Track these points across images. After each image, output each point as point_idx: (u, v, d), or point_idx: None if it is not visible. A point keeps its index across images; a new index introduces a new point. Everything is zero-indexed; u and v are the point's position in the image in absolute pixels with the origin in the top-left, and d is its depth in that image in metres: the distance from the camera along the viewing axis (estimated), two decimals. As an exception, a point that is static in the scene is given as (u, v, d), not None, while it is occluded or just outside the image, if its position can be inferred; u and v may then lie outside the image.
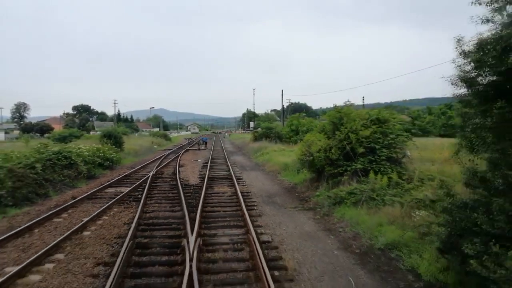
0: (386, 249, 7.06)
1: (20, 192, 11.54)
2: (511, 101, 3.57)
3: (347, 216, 9.32)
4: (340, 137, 12.26)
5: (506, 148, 3.64)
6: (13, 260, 6.80)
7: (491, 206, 3.98)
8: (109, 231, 8.70)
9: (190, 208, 10.29)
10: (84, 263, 6.64)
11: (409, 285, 5.69)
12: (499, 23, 3.55)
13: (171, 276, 6.02)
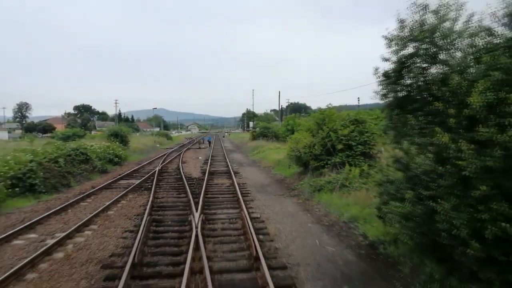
0: (348, 221, 9.08)
1: (49, 182, 13.55)
2: (404, 109, 5.55)
3: (323, 200, 11.34)
4: (322, 135, 14.27)
5: (400, 141, 5.63)
6: (59, 229, 8.81)
7: (401, 179, 5.99)
8: (128, 210, 10.72)
9: (194, 195, 12.26)
10: (115, 230, 8.66)
11: (358, 243, 7.71)
12: (394, 61, 5.53)
13: (182, 239, 8.01)
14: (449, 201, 4.64)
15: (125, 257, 6.75)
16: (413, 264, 6.21)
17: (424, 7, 5.23)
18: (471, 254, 4.55)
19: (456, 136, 4.63)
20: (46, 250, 7.09)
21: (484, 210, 4.32)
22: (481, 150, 4.39)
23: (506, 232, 4.16)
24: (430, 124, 5.07)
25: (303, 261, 6.73)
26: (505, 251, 4.30)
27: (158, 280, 5.88)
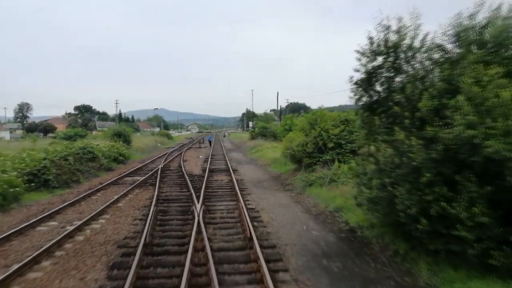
0: (333, 211, 10.18)
1: (61, 178, 14.64)
2: (372, 112, 6.63)
3: (314, 193, 12.44)
4: (314, 134, 15.37)
5: (370, 136, 6.71)
6: (75, 218, 9.89)
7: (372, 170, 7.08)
8: (136, 203, 11.81)
9: (195, 190, 13.33)
10: (125, 219, 9.75)
11: (340, 228, 8.81)
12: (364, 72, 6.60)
13: (185, 225, 9.08)
14: (404, 187, 5.75)
15: (137, 239, 7.84)
16: (383, 244, 7.30)
17: (387, 28, 6.32)
18: (421, 229, 5.65)
19: (410, 134, 5.72)
20: (68, 234, 8.17)
21: (429, 193, 5.42)
22: (428, 145, 5.48)
23: (446, 210, 5.25)
24: (391, 124, 6.17)
25: (291, 242, 7.82)
26: (446, 226, 5.39)
27: (167, 256, 6.96)
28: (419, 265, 6.09)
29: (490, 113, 4.80)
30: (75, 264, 6.57)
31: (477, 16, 5.99)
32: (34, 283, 5.76)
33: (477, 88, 5.01)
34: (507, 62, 5.37)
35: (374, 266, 6.51)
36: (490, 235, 4.95)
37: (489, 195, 4.98)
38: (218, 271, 5.99)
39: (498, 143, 4.53)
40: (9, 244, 7.69)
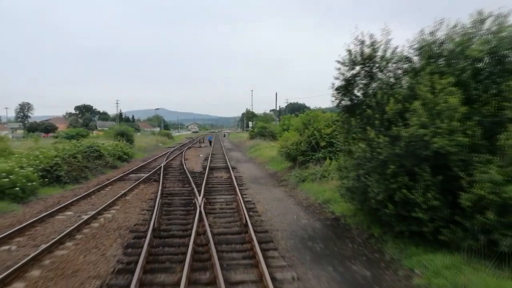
0: (322, 203, 11.25)
1: (71, 174, 15.71)
2: (350, 113, 7.68)
3: (306, 188, 13.51)
4: (308, 134, 16.44)
5: (349, 135, 7.78)
6: (89, 208, 10.96)
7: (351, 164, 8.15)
8: (142, 196, 12.88)
9: (196, 185, 14.38)
10: (134, 209, 10.82)
11: (326, 217, 9.88)
12: (342, 79, 7.67)
13: (188, 215, 10.14)
14: (374, 177, 6.81)
15: (146, 225, 8.91)
16: (361, 229, 8.38)
17: (362, 42, 7.39)
18: (388, 213, 6.72)
19: (379, 133, 6.78)
20: (84, 221, 9.23)
21: (394, 182, 6.49)
22: (393, 142, 6.54)
23: (407, 196, 6.32)
24: (365, 124, 7.23)
25: (281, 228, 8.89)
26: (407, 209, 6.45)
27: (173, 239, 8.03)
28: (389, 245, 7.16)
29: (439, 115, 5.87)
30: (95, 244, 7.64)
31: (437, 33, 7.07)
32: (62, 258, 6.83)
33: (430, 95, 6.09)
34: (458, 73, 6.44)
35: (352, 246, 7.58)
36: (440, 216, 6.02)
37: (440, 183, 6.05)
38: (218, 249, 7.04)
39: (443, 140, 5.60)
40: (34, 230, 8.75)
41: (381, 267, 6.44)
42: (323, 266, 6.54)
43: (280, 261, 6.70)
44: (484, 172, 5.39)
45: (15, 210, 10.76)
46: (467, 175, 5.68)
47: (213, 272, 6.00)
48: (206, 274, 6.05)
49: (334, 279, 5.97)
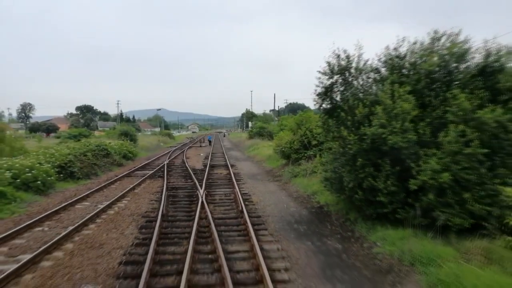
0: (310, 194, 12.67)
1: (83, 171, 17.14)
2: (329, 115, 9.10)
3: (297, 182, 14.93)
4: (301, 133, 17.86)
5: (328, 134, 9.22)
6: (103, 199, 12.37)
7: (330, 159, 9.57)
8: (150, 189, 14.30)
9: (198, 180, 15.80)
10: (143, 200, 12.24)
11: (312, 206, 11.30)
12: (322, 87, 9.08)
13: (192, 204, 11.56)
14: (346, 168, 8.24)
15: (155, 212, 10.32)
16: (340, 214, 9.80)
17: (338, 56, 8.81)
18: (359, 198, 8.14)
19: (350, 132, 8.20)
20: (101, 209, 10.64)
21: (362, 172, 7.91)
22: (361, 140, 7.96)
23: (372, 184, 7.73)
24: (339, 125, 8.65)
25: (272, 214, 10.31)
26: (373, 195, 7.86)
27: (179, 222, 9.44)
28: (360, 225, 8.57)
29: (395, 118, 7.29)
30: (113, 226, 9.07)
31: (400, 48, 8.50)
32: (89, 236, 8.25)
33: (389, 101, 7.51)
34: (414, 83, 7.86)
35: (330, 227, 9.01)
36: (397, 199, 7.44)
37: (398, 172, 7.47)
38: (217, 229, 8.45)
39: (397, 137, 7.02)
40: (59, 216, 10.17)
41: (351, 242, 7.87)
42: (304, 241, 7.97)
43: (268, 238, 8.13)
44: (426, 162, 6.81)
45: (38, 200, 12.19)
46: (417, 165, 7.10)
47: (214, 244, 7.42)
48: (207, 246, 7.48)
49: (311, 250, 7.39)
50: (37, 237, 8.15)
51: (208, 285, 5.75)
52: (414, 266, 6.05)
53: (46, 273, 6.15)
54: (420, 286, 5.50)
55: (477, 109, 6.97)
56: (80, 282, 5.84)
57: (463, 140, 6.68)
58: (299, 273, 6.20)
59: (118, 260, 6.74)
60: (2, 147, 16.99)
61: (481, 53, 7.96)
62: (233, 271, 6.13)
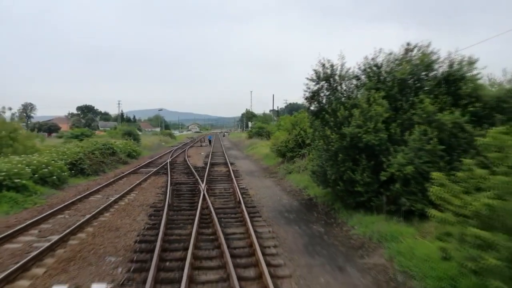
0: (301, 189, 13.90)
1: (92, 168, 18.38)
2: (316, 117, 10.33)
3: (291, 178, 16.17)
4: (295, 133, 19.09)
5: (315, 133, 10.44)
6: (113, 193, 13.59)
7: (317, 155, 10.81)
8: (155, 184, 15.54)
9: (200, 176, 17.01)
10: (150, 193, 13.47)
11: (303, 198, 12.53)
12: (310, 91, 10.30)
13: (194, 197, 12.78)
14: (329, 163, 9.47)
15: (162, 203, 11.54)
16: (327, 205, 11.02)
17: (323, 65, 10.04)
18: (340, 189, 9.37)
19: (333, 131, 9.43)
20: (113, 201, 11.86)
21: (342, 166, 9.13)
22: (341, 138, 9.18)
23: (351, 176, 8.95)
24: (324, 125, 9.88)
25: (266, 205, 11.54)
26: (352, 186, 9.08)
27: (184, 211, 10.66)
28: (342, 213, 9.80)
29: (370, 119, 8.52)
30: (126, 214, 10.31)
31: (377, 58, 9.74)
32: (105, 221, 9.48)
33: (366, 105, 8.74)
34: (388, 89, 9.09)
35: (316, 215, 10.24)
36: (372, 189, 8.67)
37: (372, 166, 8.70)
38: (217, 216, 9.66)
39: (370, 136, 8.25)
40: (76, 206, 11.41)
41: (332, 226, 9.10)
42: (292, 226, 9.20)
43: (261, 223, 9.36)
44: (395, 157, 8.03)
45: (55, 193, 13.43)
46: (387, 160, 8.32)
47: (214, 228, 8.65)
48: (209, 229, 8.71)
49: (298, 232, 8.62)
50: (61, 223, 9.38)
51: (210, 257, 6.98)
52: (380, 243, 7.28)
53: (75, 249, 7.38)
54: (382, 257, 6.73)
55: (438, 112, 8.20)
56: (104, 255, 7.07)
57: (425, 138, 7.90)
58: (286, 249, 7.43)
59: (133, 240, 7.97)
60: (16, 145, 18.17)
61: (446, 63, 9.22)
62: (231, 247, 7.34)
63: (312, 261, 6.81)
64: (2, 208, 10.64)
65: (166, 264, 6.61)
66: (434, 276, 5.44)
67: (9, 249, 7.37)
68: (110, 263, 6.68)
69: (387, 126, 8.72)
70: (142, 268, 6.34)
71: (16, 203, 11.20)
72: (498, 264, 3.78)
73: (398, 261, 6.33)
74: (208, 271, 6.30)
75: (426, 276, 5.54)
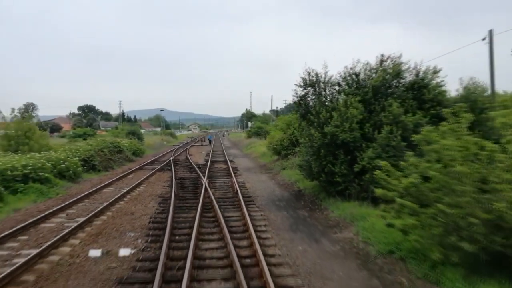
0: (293, 182, 15.48)
1: (102, 164, 19.96)
2: (303, 118, 11.88)
3: (285, 173, 17.75)
4: (289, 132, 20.66)
5: (303, 133, 11.99)
6: (124, 185, 15.16)
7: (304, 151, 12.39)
8: (161, 179, 17.12)
9: (201, 172, 18.58)
10: (157, 186, 15.05)
11: (293, 190, 14.11)
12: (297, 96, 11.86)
13: (197, 189, 14.34)
14: (313, 158, 11.04)
15: (169, 193, 13.11)
16: (313, 195, 12.59)
17: (309, 73, 11.61)
18: (323, 180, 10.94)
19: (316, 131, 11.00)
20: (126, 192, 13.43)
21: (324, 161, 10.71)
22: (323, 136, 10.75)
23: (331, 169, 10.52)
24: (309, 126, 11.46)
25: (260, 195, 13.11)
26: (333, 177, 10.64)
27: (188, 200, 12.23)
28: (325, 201, 11.36)
29: (346, 120, 10.09)
30: (138, 202, 11.89)
31: (355, 68, 11.31)
32: (121, 208, 11.06)
33: (343, 108, 10.31)
34: (363, 94, 10.66)
35: (303, 203, 11.82)
36: (348, 179, 10.24)
37: (349, 160, 10.26)
38: (217, 204, 11.23)
39: (345, 134, 9.82)
40: (94, 196, 12.98)
41: (315, 211, 10.68)
42: (281, 211, 10.78)
43: (255, 209, 10.94)
44: (365, 152, 9.60)
45: (73, 186, 15.03)
46: (361, 155, 9.89)
47: (214, 212, 10.23)
48: (210, 213, 10.28)
49: (285, 216, 10.20)
50: (84, 208, 10.96)
51: (211, 233, 8.54)
52: (352, 222, 8.86)
53: (99, 227, 8.96)
54: (351, 232, 8.31)
55: (403, 114, 9.77)
56: (124, 231, 8.64)
57: (391, 136, 9.47)
58: (274, 227, 9.01)
59: (147, 221, 9.56)
60: (32, 144, 19.72)
61: (413, 73, 10.80)
62: (228, 226, 8.90)
63: (294, 235, 8.38)
64: (30, 197, 12.23)
65: (176, 238, 8.17)
66: (385, 242, 7.02)
67: (47, 227, 8.96)
68: (130, 237, 8.26)
69: (361, 126, 10.29)
70: (157, 240, 7.92)
71: (42, 193, 12.79)
72: (415, 224, 5.36)
73: (362, 234, 7.91)
74: (210, 242, 7.86)
75: (379, 243, 7.12)
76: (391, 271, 6.14)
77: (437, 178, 5.47)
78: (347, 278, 6.03)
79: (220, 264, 6.61)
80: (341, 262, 6.74)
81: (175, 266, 6.46)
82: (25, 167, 13.04)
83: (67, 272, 6.23)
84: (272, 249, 7.42)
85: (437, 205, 5.26)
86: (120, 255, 7.04)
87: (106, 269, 6.36)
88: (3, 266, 6.45)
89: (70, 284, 5.75)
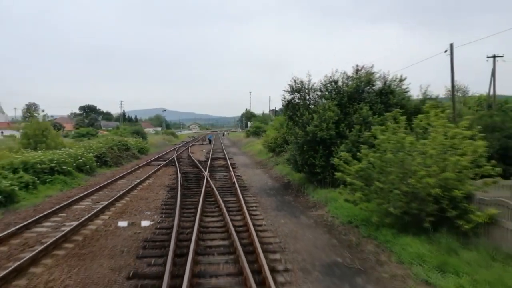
0: (284, 175, 17.55)
1: (113, 160, 22.01)
2: (291, 119, 13.92)
3: (277, 168, 19.82)
4: (283, 131, 22.71)
5: (289, 131, 14.04)
6: (135, 178, 17.21)
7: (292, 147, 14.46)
8: (167, 173, 19.20)
9: (203, 168, 20.64)
10: (165, 178, 17.13)
11: (284, 182, 16.18)
12: (286, 100, 13.91)
13: (200, 181, 16.39)
14: (298, 152, 13.11)
15: (175, 184, 15.17)
16: (299, 185, 14.65)
17: (296, 80, 13.68)
18: (307, 171, 13.02)
19: (300, 129, 13.06)
20: (137, 183, 15.48)
21: (307, 155, 12.77)
22: (306, 134, 12.80)
23: (312, 161, 12.59)
24: (294, 125, 13.52)
25: (255, 186, 15.18)
26: (314, 169, 12.69)
27: (193, 189, 14.29)
28: (308, 190, 13.42)
29: (324, 121, 12.16)
30: (150, 191, 13.96)
31: (334, 76, 13.38)
32: (136, 195, 13.14)
33: (322, 111, 12.38)
34: (339, 99, 12.73)
35: (290, 191, 13.90)
36: (326, 170, 12.30)
37: (327, 154, 12.33)
38: (218, 192, 13.28)
39: (323, 132, 11.89)
40: (110, 187, 15.04)
41: (299, 197, 12.76)
42: (271, 197, 12.85)
43: (249, 195, 13.01)
44: (339, 147, 11.67)
45: (90, 178, 17.10)
46: (336, 150, 11.95)
47: (215, 198, 12.29)
48: (211, 198, 12.36)
49: (274, 201, 12.27)
50: (105, 195, 13.04)
51: (212, 211, 10.60)
52: (326, 204, 10.93)
53: (121, 207, 11.04)
54: (324, 210, 10.39)
55: (371, 116, 11.84)
56: (142, 211, 10.71)
57: (360, 134, 11.52)
58: (263, 207, 11.08)
59: (159, 203, 11.63)
60: (49, 142, 21.78)
61: (381, 81, 12.87)
62: (226, 207, 10.95)
63: (279, 213, 10.46)
64: (57, 187, 14.31)
65: (184, 214, 10.25)
66: (346, 215, 9.11)
67: (78, 209, 11.03)
68: (148, 214, 10.33)
69: (337, 126, 12.35)
70: (169, 216, 10.00)
71: (66, 184, 14.87)
72: (361, 197, 7.43)
73: (332, 212, 9.99)
74: (212, 217, 9.93)
75: (343, 216, 9.21)
76: (346, 234, 8.23)
77: (376, 163, 7.54)
78: (314, 239, 8.10)
79: (219, 230, 8.68)
80: (312, 230, 8.81)
81: (185, 231, 8.53)
82: (51, 161, 15.10)
83: (105, 235, 8.31)
84: (260, 221, 9.50)
85: (375, 183, 7.33)
86: (142, 225, 9.11)
87: (133, 233, 8.43)
88: (55, 231, 8.52)
89: (109, 242, 7.82)
